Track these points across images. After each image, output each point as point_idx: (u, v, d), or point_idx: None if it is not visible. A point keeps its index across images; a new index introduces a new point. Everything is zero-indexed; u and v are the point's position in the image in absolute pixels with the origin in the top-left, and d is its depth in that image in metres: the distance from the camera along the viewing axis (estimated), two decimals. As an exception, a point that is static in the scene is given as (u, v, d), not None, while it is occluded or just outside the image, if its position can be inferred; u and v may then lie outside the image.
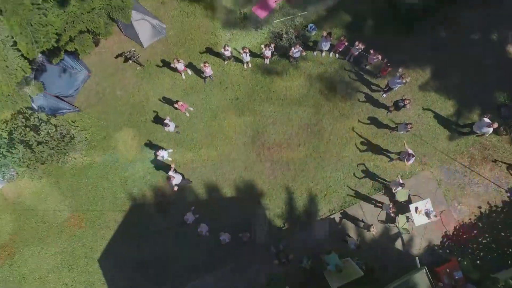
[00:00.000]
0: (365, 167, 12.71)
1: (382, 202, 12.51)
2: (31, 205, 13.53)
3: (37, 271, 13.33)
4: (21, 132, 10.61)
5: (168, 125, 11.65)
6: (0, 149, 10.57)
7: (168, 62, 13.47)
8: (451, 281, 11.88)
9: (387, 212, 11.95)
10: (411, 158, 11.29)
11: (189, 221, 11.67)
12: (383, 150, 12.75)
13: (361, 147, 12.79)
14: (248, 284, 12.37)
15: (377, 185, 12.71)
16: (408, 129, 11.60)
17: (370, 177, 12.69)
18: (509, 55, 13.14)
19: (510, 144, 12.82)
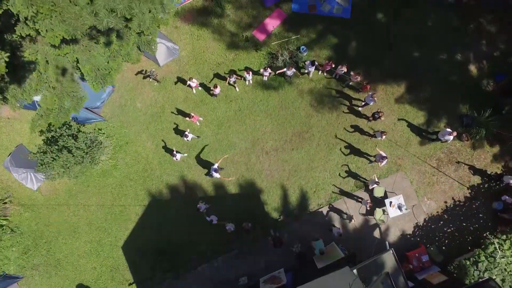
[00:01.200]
0: (348, 168, 15.27)
1: (362, 198, 15.07)
2: (64, 200, 16.12)
3: (70, 257, 15.94)
4: (65, 140, 13.18)
5: (188, 136, 14.27)
6: (51, 154, 13.13)
7: (181, 79, 16.04)
8: (419, 263, 14.44)
9: (365, 206, 14.49)
10: (384, 160, 13.86)
11: (201, 209, 14.21)
12: (364, 154, 15.31)
13: (345, 151, 15.34)
14: (249, 267, 14.94)
15: (358, 183, 15.27)
16: (382, 137, 14.17)
17: (353, 177, 15.26)
18: (471, 73, 15.68)
19: (471, 148, 15.36)
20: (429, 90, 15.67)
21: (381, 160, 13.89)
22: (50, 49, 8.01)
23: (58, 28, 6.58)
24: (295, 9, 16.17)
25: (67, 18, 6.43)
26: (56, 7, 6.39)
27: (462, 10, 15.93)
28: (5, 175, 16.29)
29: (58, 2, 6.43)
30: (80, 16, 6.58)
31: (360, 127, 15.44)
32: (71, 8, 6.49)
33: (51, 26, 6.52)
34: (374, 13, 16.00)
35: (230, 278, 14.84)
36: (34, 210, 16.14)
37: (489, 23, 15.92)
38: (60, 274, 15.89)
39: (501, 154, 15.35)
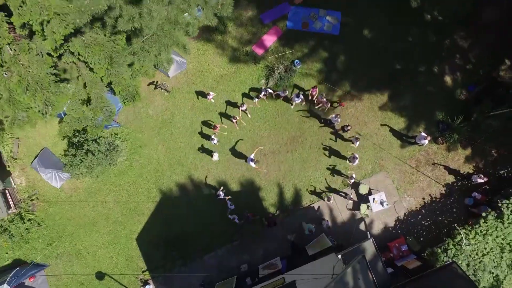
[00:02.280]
0: (336, 169, 17.53)
1: (347, 193, 17.34)
2: (84, 197, 18.41)
3: (90, 247, 18.22)
4: (89, 144, 15.48)
5: (214, 140, 16.81)
6: (80, 156, 15.42)
7: (188, 89, 18.30)
8: (399, 252, 16.71)
9: (348, 199, 16.78)
10: (356, 160, 16.22)
11: (220, 196, 16.52)
12: (342, 156, 17.55)
13: (334, 154, 17.61)
14: (249, 256, 17.21)
15: (346, 181, 17.52)
16: (356, 143, 16.55)
17: (340, 176, 17.53)
18: (446, 83, 17.93)
19: (446, 151, 17.60)
20: (409, 99, 17.91)
21: (353, 160, 16.25)
22: (89, 73, 10.24)
23: (103, 62, 8.76)
24: (290, 27, 18.44)
25: (115, 57, 8.61)
26: (104, 48, 8.55)
27: (439, 26, 18.17)
28: (32, 174, 18.57)
29: (106, 45, 8.59)
30: (123, 55, 8.75)
31: (341, 134, 17.68)
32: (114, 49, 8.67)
33: (98, 61, 8.72)
34: (361, 30, 18.25)
35: (232, 265, 17.12)
36: (58, 206, 18.42)
37: (462, 39, 18.16)
38: (81, 262, 18.18)
39: (472, 156, 17.60)
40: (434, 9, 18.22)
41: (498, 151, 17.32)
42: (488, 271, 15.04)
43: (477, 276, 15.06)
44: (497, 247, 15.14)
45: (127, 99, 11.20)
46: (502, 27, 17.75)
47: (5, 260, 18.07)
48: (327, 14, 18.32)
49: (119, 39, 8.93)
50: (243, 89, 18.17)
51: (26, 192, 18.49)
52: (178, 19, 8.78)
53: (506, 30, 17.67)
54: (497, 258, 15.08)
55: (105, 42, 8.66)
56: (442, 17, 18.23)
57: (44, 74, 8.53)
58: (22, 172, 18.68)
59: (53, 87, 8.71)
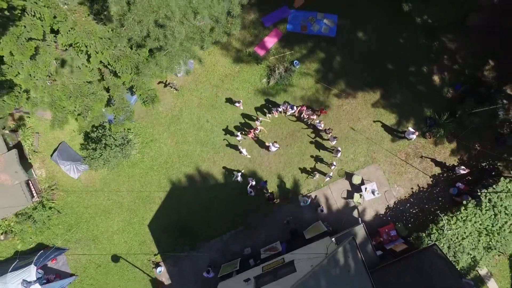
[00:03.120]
0: (332, 161, 19.33)
1: (323, 173, 19.18)
2: (99, 187, 20.25)
3: (105, 233, 20.12)
4: (107, 138, 17.26)
5: (239, 136, 18.59)
6: (99, 150, 17.22)
7: (195, 88, 19.99)
8: (388, 237, 18.59)
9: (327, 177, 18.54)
10: (338, 153, 18.16)
11: (238, 178, 18.43)
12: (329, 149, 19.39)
13: (322, 148, 19.38)
14: (252, 240, 19.10)
15: (341, 172, 19.35)
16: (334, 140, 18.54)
17: (324, 164, 19.29)
18: (434, 82, 19.62)
19: (433, 145, 19.36)
20: (400, 96, 19.62)
21: (336, 153, 18.16)
22: (113, 78, 11.93)
23: (130, 71, 10.40)
24: (290, 29, 20.06)
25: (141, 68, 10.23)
26: (131, 59, 10.17)
27: (428, 30, 19.77)
28: (51, 166, 20.38)
29: (132, 56, 10.21)
30: (148, 66, 10.38)
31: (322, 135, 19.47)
32: (139, 60, 10.31)
33: (126, 70, 10.37)
34: (355, 33, 19.88)
35: (237, 249, 19.02)
36: (76, 195, 20.27)
37: (450, 41, 19.80)
38: (97, 247, 20.10)
39: (457, 149, 19.38)
40: (424, 13, 19.81)
41: (481, 145, 19.12)
42: (467, 253, 16.96)
43: (456, 257, 16.99)
44: (475, 232, 17.02)
45: (147, 101, 12.87)
46: (487, 31, 19.36)
47: (30, 244, 19.99)
48: (324, 17, 19.93)
49: (143, 52, 10.57)
50: (246, 87, 19.87)
51: (46, 182, 20.32)
52: (195, 37, 10.38)
53: (491, 33, 19.28)
54: (474, 241, 16.98)
55: (131, 55, 10.28)
56: (431, 21, 19.84)
57: (82, 82, 10.20)
58: (42, 164, 20.48)
59: (91, 94, 10.36)
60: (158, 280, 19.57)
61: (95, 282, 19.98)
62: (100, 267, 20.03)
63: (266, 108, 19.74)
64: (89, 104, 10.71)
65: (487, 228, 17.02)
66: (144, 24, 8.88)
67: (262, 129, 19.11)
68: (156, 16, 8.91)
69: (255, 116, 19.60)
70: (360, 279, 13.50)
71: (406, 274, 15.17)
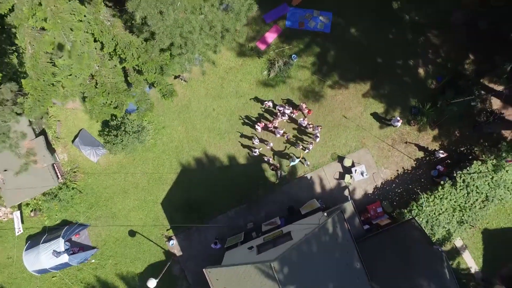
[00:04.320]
0: (325, 145, 21.87)
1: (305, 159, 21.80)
2: (116, 170, 22.84)
3: (123, 211, 22.83)
4: (126, 126, 19.79)
5: (258, 128, 21.14)
6: (120, 136, 19.77)
7: (202, 79, 22.32)
8: (375, 213, 21.29)
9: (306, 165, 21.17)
10: (317, 138, 20.69)
11: (256, 153, 21.02)
12: (338, 135, 21.93)
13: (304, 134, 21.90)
14: (254, 216, 21.82)
15: (334, 156, 21.94)
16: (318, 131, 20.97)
17: (329, 150, 21.90)
18: (419, 75, 21.99)
19: (417, 131, 21.85)
20: (387, 88, 22.02)
21: (315, 138, 20.85)
22: (136, 74, 14.28)
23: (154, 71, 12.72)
24: (288, 25, 22.29)
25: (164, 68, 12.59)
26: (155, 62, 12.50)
27: (415, 26, 22.01)
28: (72, 151, 22.92)
29: (156, 59, 12.53)
30: (171, 67, 12.73)
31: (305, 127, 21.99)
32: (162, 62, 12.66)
33: (151, 70, 12.70)
34: (348, 29, 22.13)
35: (240, 224, 21.78)
36: (95, 177, 22.87)
37: (434, 37, 22.07)
38: (116, 223, 22.81)
39: (439, 135, 21.91)
40: (411, 11, 22.01)
41: (460, 132, 21.65)
42: (442, 226, 19.72)
43: (433, 230, 19.74)
44: (450, 208, 19.73)
45: (166, 95, 15.23)
46: (469, 28, 21.59)
47: (55, 221, 22.72)
48: (320, 14, 22.13)
49: (166, 56, 12.84)
50: (248, 79, 22.24)
51: (68, 165, 22.90)
52: (209, 43, 12.64)
53: (472, 30, 21.51)
54: (449, 216, 19.71)
55: (156, 58, 12.57)
56: (418, 18, 22.05)
57: (117, 81, 12.53)
58: (64, 149, 23.03)
59: (124, 91, 12.70)
60: (170, 251, 22.39)
61: (114, 254, 22.81)
62: (118, 241, 22.82)
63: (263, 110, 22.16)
64: (123, 99, 13.12)
65: (460, 205, 19.72)
66: (172, 36, 11.15)
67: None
68: (181, 31, 11.18)
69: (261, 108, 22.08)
70: (347, 246, 16.25)
71: (387, 243, 17.96)
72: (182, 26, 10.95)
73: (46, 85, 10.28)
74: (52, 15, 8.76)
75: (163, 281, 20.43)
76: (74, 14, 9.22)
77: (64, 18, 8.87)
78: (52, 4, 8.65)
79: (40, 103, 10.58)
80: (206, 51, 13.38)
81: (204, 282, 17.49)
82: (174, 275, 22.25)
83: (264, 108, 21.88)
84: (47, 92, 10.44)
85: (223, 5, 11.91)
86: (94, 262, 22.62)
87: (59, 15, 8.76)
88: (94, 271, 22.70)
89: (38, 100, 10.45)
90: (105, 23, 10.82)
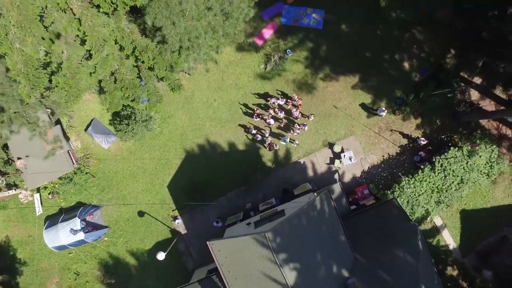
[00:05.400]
0: (317, 133, 24.29)
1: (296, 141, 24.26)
2: (126, 156, 25.31)
3: (132, 193, 25.37)
4: (136, 116, 22.21)
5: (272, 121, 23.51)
6: (131, 125, 22.22)
7: (204, 72, 24.59)
8: (362, 195, 23.79)
9: (295, 145, 23.66)
10: (305, 127, 23.12)
11: (267, 139, 23.48)
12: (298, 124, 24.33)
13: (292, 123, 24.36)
14: (252, 197, 24.37)
15: (325, 142, 24.37)
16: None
17: (321, 138, 24.33)
18: (404, 68, 24.27)
19: (402, 120, 24.23)
20: (375, 80, 24.32)
21: (303, 127, 23.28)
22: (147, 71, 16.58)
23: (165, 68, 15.01)
24: (284, 22, 24.47)
25: (174, 67, 14.88)
26: (165, 61, 14.79)
27: (401, 23, 24.20)
28: (85, 139, 25.36)
29: (167, 58, 14.79)
30: (180, 65, 15.03)
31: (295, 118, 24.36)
32: (172, 60, 14.98)
33: (163, 68, 14.97)
34: (339, 26, 24.32)
35: (239, 204, 24.32)
36: (106, 163, 25.37)
37: (419, 33, 24.29)
38: (126, 205, 25.33)
39: (421, 124, 24.31)
40: (398, 9, 24.18)
41: (440, 121, 24.05)
42: (421, 206, 22.26)
43: (413, 209, 22.30)
44: (429, 190, 22.24)
45: (174, 89, 17.51)
46: (450, 24, 23.76)
47: (71, 202, 25.30)
48: (313, 12, 24.31)
49: (175, 56, 15.13)
50: (247, 72, 24.54)
51: (81, 152, 25.38)
52: (212, 45, 14.90)
53: (453, 26, 23.68)
54: (428, 197, 22.23)
55: (167, 58, 14.87)
56: (404, 15, 24.23)
57: (133, 77, 14.83)
58: (78, 137, 25.47)
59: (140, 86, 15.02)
60: (176, 230, 25.02)
61: (125, 233, 25.45)
62: (128, 221, 25.44)
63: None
64: (139, 93, 15.46)
65: (438, 187, 22.23)
66: (181, 41, 13.41)
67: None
68: (189, 36, 13.42)
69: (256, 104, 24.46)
70: (332, 220, 18.81)
71: (370, 219, 20.52)
72: (190, 33, 13.21)
73: (77, 82, 12.59)
74: (90, 29, 10.99)
75: (171, 255, 23.14)
76: (104, 27, 11.47)
77: (99, 31, 11.12)
78: (89, 20, 10.95)
79: (73, 97, 12.91)
80: (210, 51, 15.67)
81: (207, 257, 20.15)
82: (180, 251, 24.93)
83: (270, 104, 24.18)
84: (79, 88, 12.76)
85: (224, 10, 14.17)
86: (106, 240, 25.28)
87: (95, 29, 11.00)
88: (107, 248, 25.38)
89: (71, 95, 12.78)
90: (125, 30, 13.09)
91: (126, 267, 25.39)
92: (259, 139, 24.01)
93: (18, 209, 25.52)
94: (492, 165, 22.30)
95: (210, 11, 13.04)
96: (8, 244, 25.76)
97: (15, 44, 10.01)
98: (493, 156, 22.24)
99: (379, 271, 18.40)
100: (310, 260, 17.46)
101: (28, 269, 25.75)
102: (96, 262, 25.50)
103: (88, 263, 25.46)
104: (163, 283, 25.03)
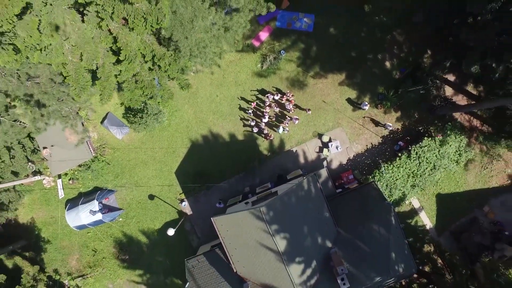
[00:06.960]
0: (308, 125, 27.98)
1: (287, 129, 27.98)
2: (138, 145, 29.04)
3: (143, 179, 29.14)
4: (147, 110, 25.93)
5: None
6: (145, 117, 25.93)
7: (207, 71, 28.22)
8: (347, 180, 27.52)
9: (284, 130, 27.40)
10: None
11: (264, 129, 27.24)
12: (319, 117, 28.02)
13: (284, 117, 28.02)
14: (250, 182, 28.10)
15: (315, 133, 28.07)
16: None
17: (311, 129, 28.03)
18: (386, 67, 27.86)
19: (384, 113, 27.89)
20: (359, 77, 27.90)
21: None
22: (160, 71, 20.20)
23: (176, 70, 18.62)
24: (278, 25, 28.01)
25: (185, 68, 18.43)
26: (177, 64, 18.37)
27: (383, 26, 27.74)
28: (101, 130, 29.06)
29: (179, 62, 18.37)
30: (190, 68, 18.59)
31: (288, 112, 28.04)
32: (183, 63, 18.66)
33: (175, 70, 18.56)
34: (328, 29, 27.88)
35: (239, 188, 28.07)
36: (120, 152, 29.11)
37: (399, 35, 27.84)
38: (138, 189, 29.19)
39: (401, 117, 27.96)
40: (380, 13, 27.71)
41: (418, 114, 27.71)
42: (399, 189, 26.00)
43: (391, 192, 26.04)
44: (405, 175, 25.93)
45: (183, 87, 21.10)
46: (428, 26, 27.27)
47: (89, 187, 29.11)
48: (305, 16, 27.83)
49: (186, 60, 18.73)
50: (245, 70, 28.16)
51: (98, 142, 29.12)
52: (216, 51, 18.46)
53: (430, 28, 27.21)
54: (404, 181, 25.93)
55: (180, 64, 18.44)
56: (386, 19, 27.77)
57: (150, 78, 18.47)
58: (94, 129, 29.20)
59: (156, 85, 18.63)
60: (183, 211, 28.85)
61: (137, 214, 29.30)
62: (140, 203, 29.26)
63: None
64: (156, 92, 19.13)
65: (413, 172, 25.93)
66: (192, 51, 16.98)
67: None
68: (198, 46, 16.97)
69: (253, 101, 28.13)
70: (318, 200, 22.59)
71: (351, 200, 24.32)
72: (199, 43, 16.75)
73: (110, 84, 16.17)
74: (124, 45, 14.55)
75: (178, 234, 26.96)
76: (134, 42, 15.01)
77: (131, 46, 14.67)
78: (124, 37, 14.53)
79: (107, 96, 16.53)
80: (214, 57, 19.26)
81: (211, 235, 23.96)
82: (186, 230, 28.80)
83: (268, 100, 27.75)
84: (111, 89, 16.36)
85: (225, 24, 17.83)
86: (121, 220, 29.13)
87: (128, 44, 14.55)
88: (121, 227, 29.25)
89: (105, 95, 16.39)
90: (147, 41, 16.67)
91: (138, 244, 29.30)
92: (256, 130, 27.73)
93: (42, 193, 29.37)
94: (460, 153, 25.99)
95: (214, 26, 16.56)
96: (33, 225, 29.64)
97: (68, 57, 13.58)
98: (461, 145, 25.90)
99: (358, 242, 22.21)
100: (299, 232, 21.25)
101: (51, 246, 29.65)
102: (112, 240, 29.38)
103: (105, 241, 29.35)
104: (171, 258, 28.96)
